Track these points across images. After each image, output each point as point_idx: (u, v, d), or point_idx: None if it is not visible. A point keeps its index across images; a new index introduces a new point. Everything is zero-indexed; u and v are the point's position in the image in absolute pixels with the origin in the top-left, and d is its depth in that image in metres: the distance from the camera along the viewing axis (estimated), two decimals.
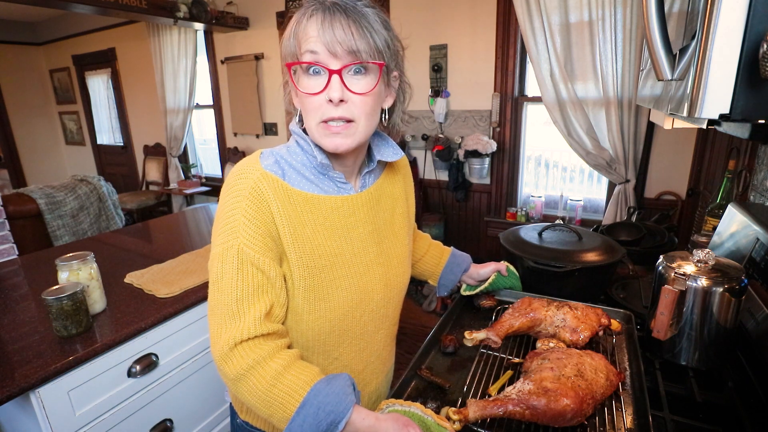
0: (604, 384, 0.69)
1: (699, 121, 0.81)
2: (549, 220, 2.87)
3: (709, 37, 0.50)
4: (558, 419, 0.62)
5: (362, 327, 0.79)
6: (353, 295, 0.74)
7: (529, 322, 0.89)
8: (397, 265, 0.83)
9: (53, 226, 3.10)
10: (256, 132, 4.16)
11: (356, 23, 0.62)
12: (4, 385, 0.96)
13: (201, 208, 2.56)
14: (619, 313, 0.98)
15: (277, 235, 0.67)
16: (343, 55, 0.62)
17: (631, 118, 2.39)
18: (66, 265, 1.18)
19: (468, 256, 1.13)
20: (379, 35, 0.64)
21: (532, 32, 2.48)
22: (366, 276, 0.76)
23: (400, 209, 0.86)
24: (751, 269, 0.95)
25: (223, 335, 0.62)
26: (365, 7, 0.65)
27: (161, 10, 3.33)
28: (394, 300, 0.84)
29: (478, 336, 0.85)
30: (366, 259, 0.76)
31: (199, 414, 1.46)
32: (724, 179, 1.40)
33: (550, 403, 0.62)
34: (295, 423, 0.58)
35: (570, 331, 0.86)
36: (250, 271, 0.64)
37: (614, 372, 0.73)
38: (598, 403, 0.68)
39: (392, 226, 0.83)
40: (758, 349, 0.86)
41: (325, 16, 0.62)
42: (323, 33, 0.62)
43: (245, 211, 0.65)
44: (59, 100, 6.22)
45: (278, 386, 0.60)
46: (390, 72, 0.70)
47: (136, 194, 4.89)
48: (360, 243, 0.75)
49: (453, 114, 3.07)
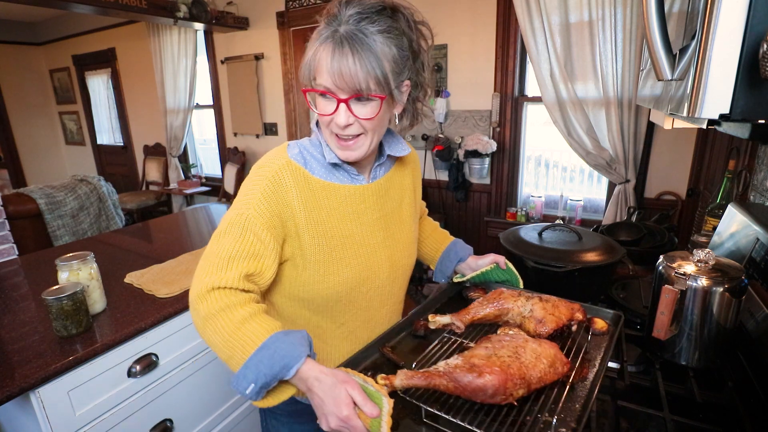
0: (545, 370, 0.68)
1: (699, 121, 0.81)
2: (549, 220, 2.87)
3: (709, 37, 0.50)
4: (478, 394, 0.63)
5: (368, 301, 0.88)
6: (360, 272, 0.84)
7: (497, 311, 0.89)
8: (403, 248, 0.92)
9: (53, 226, 3.10)
10: (256, 132, 4.16)
11: (361, 59, 0.68)
12: (4, 385, 0.96)
13: (201, 208, 2.56)
14: (609, 313, 0.95)
15: (290, 218, 0.76)
16: (348, 89, 0.70)
17: (631, 118, 2.39)
18: (66, 265, 1.18)
19: (470, 248, 1.13)
20: (383, 65, 0.70)
21: (532, 32, 2.48)
22: (373, 256, 0.86)
23: (408, 199, 0.96)
24: (751, 269, 0.95)
25: (206, 279, 0.70)
26: (376, 34, 0.69)
27: (161, 10, 3.33)
28: (399, 279, 0.94)
29: (442, 320, 0.86)
30: (374, 242, 0.86)
31: (199, 414, 1.46)
32: (724, 179, 1.40)
33: (472, 377, 0.63)
34: (252, 362, 0.63)
35: (535, 322, 0.85)
36: (250, 238, 0.72)
37: (562, 361, 0.72)
38: (535, 387, 0.67)
39: (400, 214, 0.92)
40: (758, 349, 0.86)
41: (335, 50, 0.69)
42: (331, 69, 0.69)
43: (264, 191, 0.75)
44: (59, 100, 6.22)
45: (242, 330, 0.66)
46: (400, 86, 0.75)
47: (136, 194, 4.89)
48: (369, 227, 0.85)
49: (453, 114, 3.07)
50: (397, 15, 0.72)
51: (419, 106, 0.85)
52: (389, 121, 0.82)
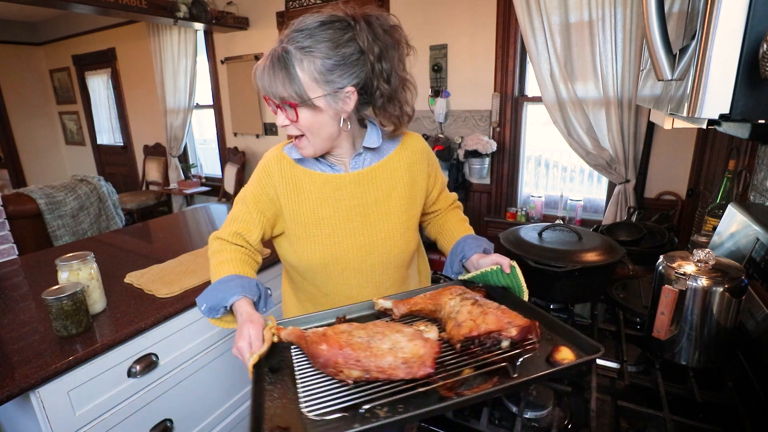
0: (393, 364, 0.67)
1: (699, 121, 0.81)
2: (549, 220, 2.87)
3: (709, 37, 0.50)
4: (314, 358, 0.71)
5: (345, 279, 1.00)
6: (332, 252, 0.96)
7: (433, 306, 0.88)
8: (384, 237, 0.98)
9: (53, 226, 3.10)
10: (256, 132, 4.17)
11: (275, 74, 0.81)
12: (4, 385, 0.96)
13: (201, 208, 2.56)
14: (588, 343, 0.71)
15: (276, 198, 0.95)
16: (274, 98, 0.85)
17: (631, 118, 2.39)
18: (66, 265, 1.18)
19: (483, 245, 1.04)
20: (296, 78, 0.81)
21: (532, 32, 2.48)
22: (346, 239, 0.96)
23: (401, 191, 1.00)
24: (751, 269, 0.95)
25: (219, 230, 0.97)
26: (297, 51, 0.80)
27: (161, 10, 3.34)
28: (378, 266, 1.00)
29: (384, 304, 0.89)
30: (349, 226, 0.96)
31: (199, 414, 1.46)
32: (724, 179, 1.40)
33: (314, 344, 0.72)
34: (209, 288, 0.87)
35: (453, 324, 0.79)
36: (243, 208, 0.96)
37: (423, 364, 0.67)
38: (376, 375, 0.67)
39: (386, 204, 0.98)
40: (758, 349, 0.86)
41: (266, 66, 0.82)
42: (261, 82, 0.84)
43: (257, 176, 0.97)
44: (59, 100, 6.22)
45: (217, 268, 0.90)
46: (338, 93, 0.84)
47: (136, 194, 4.89)
48: (345, 213, 0.95)
49: (453, 114, 3.07)
50: (338, 29, 0.80)
51: (393, 107, 0.90)
52: (342, 123, 0.88)
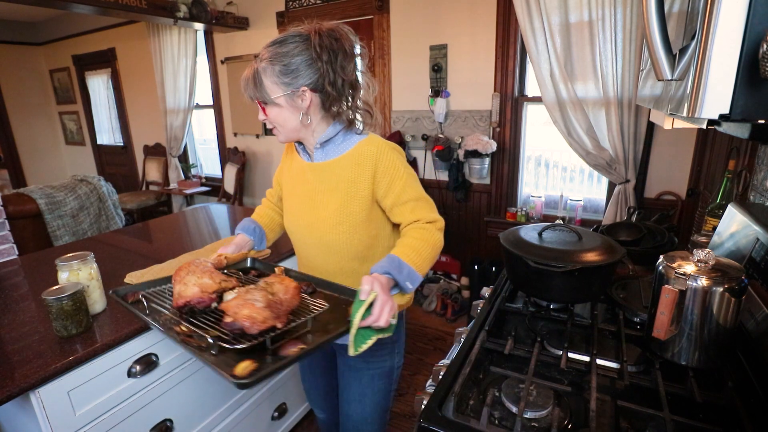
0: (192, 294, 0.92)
1: (699, 121, 0.81)
2: (549, 220, 2.87)
3: (709, 37, 0.50)
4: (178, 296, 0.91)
5: (303, 248, 1.19)
6: (290, 222, 1.19)
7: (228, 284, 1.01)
8: (326, 227, 1.09)
9: (53, 226, 3.10)
10: (256, 132, 4.16)
11: (253, 83, 1.01)
12: (4, 385, 0.96)
13: (201, 208, 2.56)
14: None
15: (282, 173, 1.26)
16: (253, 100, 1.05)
17: (631, 118, 2.39)
18: (66, 265, 1.18)
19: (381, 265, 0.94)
20: (262, 82, 1.00)
21: (532, 32, 2.48)
22: (301, 219, 1.15)
23: (343, 191, 1.07)
24: (751, 269, 0.95)
25: None
26: (261, 61, 0.99)
27: (161, 10, 3.33)
28: (320, 247, 1.12)
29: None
30: (303, 208, 1.14)
31: (199, 414, 1.46)
32: (724, 179, 1.40)
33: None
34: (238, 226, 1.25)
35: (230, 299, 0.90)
36: (274, 177, 1.32)
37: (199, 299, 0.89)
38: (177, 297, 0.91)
39: (328, 197, 1.09)
40: (758, 349, 0.86)
41: (246, 76, 1.02)
42: (244, 89, 1.04)
43: (282, 156, 1.28)
44: (59, 100, 6.22)
45: (254, 215, 1.32)
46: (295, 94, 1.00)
47: (136, 194, 4.89)
48: (302, 196, 1.14)
49: (453, 114, 3.07)
50: (294, 42, 0.97)
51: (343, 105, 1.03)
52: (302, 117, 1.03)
